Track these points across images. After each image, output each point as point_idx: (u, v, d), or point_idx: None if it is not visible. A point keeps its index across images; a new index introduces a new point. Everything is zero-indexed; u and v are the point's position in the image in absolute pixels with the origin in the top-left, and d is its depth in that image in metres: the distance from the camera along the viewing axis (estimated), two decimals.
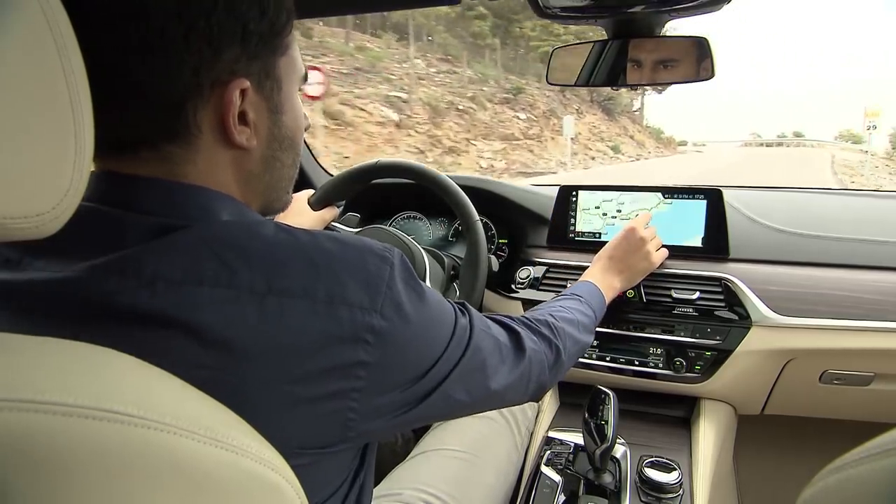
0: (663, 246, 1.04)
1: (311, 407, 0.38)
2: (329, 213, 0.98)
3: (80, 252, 0.37)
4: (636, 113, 33.87)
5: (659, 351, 0.98)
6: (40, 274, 0.37)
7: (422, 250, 0.93)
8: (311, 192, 0.98)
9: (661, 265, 1.01)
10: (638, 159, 24.72)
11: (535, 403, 1.00)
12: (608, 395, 0.76)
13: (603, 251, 0.92)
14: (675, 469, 0.80)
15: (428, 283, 0.90)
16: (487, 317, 0.56)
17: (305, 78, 0.49)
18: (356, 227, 1.26)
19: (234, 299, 0.35)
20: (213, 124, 0.40)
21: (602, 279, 0.87)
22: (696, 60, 0.82)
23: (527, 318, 0.64)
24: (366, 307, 0.39)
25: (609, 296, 0.86)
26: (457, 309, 0.50)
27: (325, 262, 0.39)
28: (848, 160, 24.06)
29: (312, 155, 1.37)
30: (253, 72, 0.41)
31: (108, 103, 0.32)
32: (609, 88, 1.11)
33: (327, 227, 1.02)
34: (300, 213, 0.93)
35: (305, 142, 1.34)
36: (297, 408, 0.37)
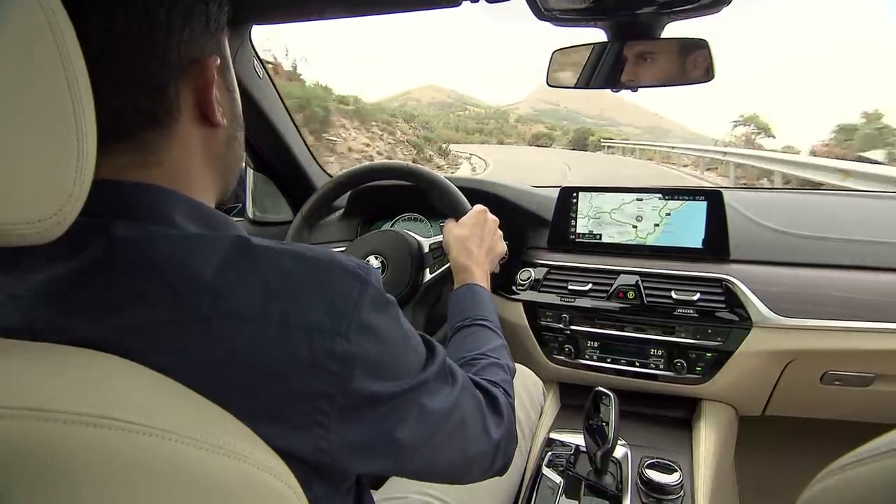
0: (664, 247, 1.04)
1: (273, 444, 0.34)
2: None
3: (30, 263, 0.35)
4: None
5: (659, 352, 0.98)
6: None
7: (426, 244, 0.94)
8: None
9: (662, 266, 1.01)
10: None
11: (538, 404, 1.00)
12: (609, 396, 0.76)
13: (463, 239, 0.82)
14: (676, 470, 0.80)
15: (428, 275, 0.93)
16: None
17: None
18: (359, 230, 1.27)
19: (175, 323, 0.33)
20: (191, 104, 0.41)
21: (483, 276, 0.80)
22: (695, 62, 0.82)
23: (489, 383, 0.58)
24: (326, 330, 0.35)
25: (488, 288, 0.79)
26: (439, 353, 0.47)
27: (283, 280, 0.36)
28: None
29: (312, 156, 1.37)
30: (214, 50, 0.42)
31: (97, 96, 0.32)
32: None
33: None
34: None
35: (305, 142, 1.34)
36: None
